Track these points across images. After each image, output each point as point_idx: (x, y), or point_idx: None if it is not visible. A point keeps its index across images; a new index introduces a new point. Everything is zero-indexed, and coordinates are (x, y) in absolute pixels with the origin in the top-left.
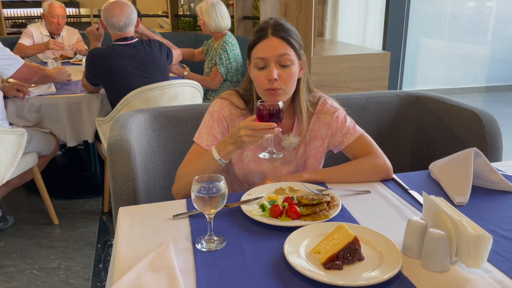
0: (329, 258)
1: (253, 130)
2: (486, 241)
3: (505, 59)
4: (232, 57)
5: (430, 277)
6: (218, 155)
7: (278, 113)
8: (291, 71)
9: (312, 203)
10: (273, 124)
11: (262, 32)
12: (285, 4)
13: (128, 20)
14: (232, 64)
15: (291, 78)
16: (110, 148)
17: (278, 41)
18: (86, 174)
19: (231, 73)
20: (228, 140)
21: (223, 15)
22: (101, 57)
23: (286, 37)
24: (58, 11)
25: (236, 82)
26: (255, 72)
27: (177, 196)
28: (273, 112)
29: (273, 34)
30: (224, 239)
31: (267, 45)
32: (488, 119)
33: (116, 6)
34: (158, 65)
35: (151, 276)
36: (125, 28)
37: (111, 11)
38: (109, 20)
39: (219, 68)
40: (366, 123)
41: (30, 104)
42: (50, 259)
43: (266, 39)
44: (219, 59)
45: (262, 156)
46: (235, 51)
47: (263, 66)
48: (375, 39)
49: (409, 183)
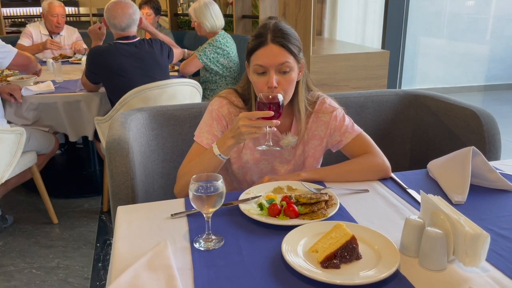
0: (326, 257)
1: (251, 120)
2: (483, 240)
3: (504, 58)
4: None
5: (427, 276)
6: (218, 151)
7: (277, 106)
8: (290, 78)
9: (310, 202)
10: (270, 112)
11: (261, 38)
12: (284, 3)
13: (130, 21)
14: (219, 59)
15: (290, 84)
16: (108, 147)
17: (278, 48)
18: (85, 173)
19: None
20: (228, 134)
21: (217, 14)
22: (102, 55)
23: (286, 44)
24: (57, 10)
25: (233, 79)
26: (255, 77)
27: (179, 196)
28: (273, 104)
29: (272, 41)
30: (222, 238)
31: (267, 53)
32: (486, 118)
33: (118, 7)
34: (158, 64)
35: (148, 275)
36: (127, 28)
37: (113, 12)
38: (111, 21)
39: (200, 57)
40: (364, 122)
41: (29, 103)
42: (49, 258)
43: (266, 46)
44: (201, 50)
45: (260, 148)
46: (225, 48)
47: (262, 72)
48: (374, 38)
49: (407, 182)
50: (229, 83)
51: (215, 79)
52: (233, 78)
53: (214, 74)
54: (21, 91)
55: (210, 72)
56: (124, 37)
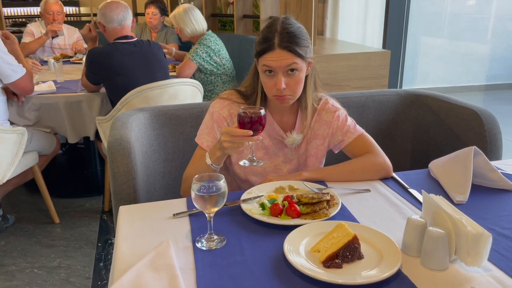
0: (328, 256)
1: (233, 136)
2: (485, 239)
3: (505, 57)
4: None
5: (429, 276)
6: (209, 160)
7: (259, 121)
8: (299, 78)
9: (312, 202)
10: (249, 132)
11: (268, 42)
12: (285, 3)
13: (126, 13)
14: (212, 57)
15: (298, 84)
16: (110, 147)
17: (285, 53)
18: (87, 173)
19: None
20: (216, 146)
21: (198, 19)
22: (102, 55)
23: (293, 49)
24: (53, 8)
25: (228, 77)
26: (263, 77)
27: (185, 197)
28: (254, 119)
29: (279, 46)
30: (224, 237)
31: (274, 57)
32: (488, 117)
33: (112, 3)
34: (159, 62)
35: (151, 275)
36: (123, 21)
37: (108, 6)
38: (108, 15)
39: (193, 59)
40: (366, 122)
41: (31, 103)
42: (51, 258)
43: (273, 51)
44: (193, 52)
45: (242, 164)
46: (214, 47)
47: (270, 71)
48: (375, 37)
49: (409, 181)
50: (226, 81)
51: (210, 80)
52: (228, 76)
53: (209, 74)
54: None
55: (205, 73)
56: (122, 36)
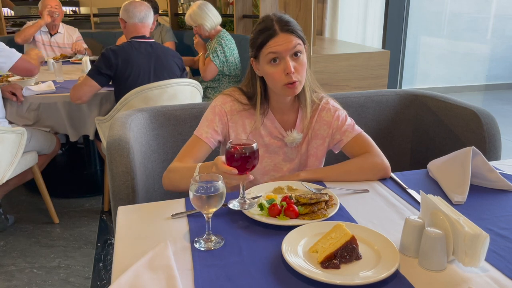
0: (326, 257)
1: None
2: (482, 240)
3: (505, 57)
4: (227, 51)
5: (427, 276)
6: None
7: (250, 156)
8: (304, 61)
9: (310, 202)
10: (234, 170)
11: (269, 30)
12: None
13: (148, 12)
14: (228, 58)
15: (304, 67)
16: (109, 147)
17: (289, 36)
18: (86, 173)
19: (227, 67)
20: (209, 168)
21: (214, 12)
22: (119, 51)
23: (294, 30)
24: (49, 1)
25: (235, 77)
26: (269, 68)
27: (163, 183)
28: (243, 155)
29: (282, 30)
30: (222, 238)
31: (280, 41)
32: (486, 117)
33: (136, 2)
34: (169, 69)
35: (149, 275)
36: (145, 19)
37: (133, 3)
38: (130, 10)
39: (214, 60)
40: (365, 122)
41: (30, 103)
42: (50, 258)
43: (277, 36)
44: (213, 51)
45: (232, 206)
46: (230, 45)
47: (276, 58)
48: (375, 37)
49: (407, 182)
50: (231, 81)
51: (217, 77)
52: (234, 76)
53: (222, 75)
54: (22, 91)
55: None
56: (140, 36)
